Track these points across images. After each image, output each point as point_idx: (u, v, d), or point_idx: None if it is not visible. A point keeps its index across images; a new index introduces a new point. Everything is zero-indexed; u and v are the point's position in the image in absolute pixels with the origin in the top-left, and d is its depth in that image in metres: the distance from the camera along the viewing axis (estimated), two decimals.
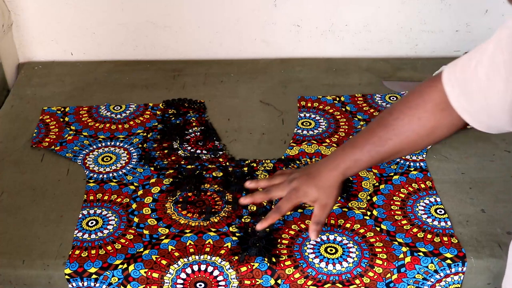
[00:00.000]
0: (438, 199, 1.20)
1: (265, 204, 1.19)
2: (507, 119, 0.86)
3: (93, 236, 1.13)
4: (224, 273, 1.07)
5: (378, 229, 1.14)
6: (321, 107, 1.47)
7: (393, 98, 1.49)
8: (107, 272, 1.07)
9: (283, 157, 1.31)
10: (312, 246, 1.11)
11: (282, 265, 1.08)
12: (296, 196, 1.06)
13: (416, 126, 0.97)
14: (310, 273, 1.07)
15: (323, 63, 1.65)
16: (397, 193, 1.22)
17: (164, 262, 1.08)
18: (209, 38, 1.66)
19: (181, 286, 1.08)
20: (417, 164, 1.29)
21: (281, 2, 1.60)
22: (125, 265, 1.07)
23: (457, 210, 1.18)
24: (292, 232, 1.14)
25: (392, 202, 1.20)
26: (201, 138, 1.37)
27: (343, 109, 1.46)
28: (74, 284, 1.07)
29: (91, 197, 1.21)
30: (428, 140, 0.99)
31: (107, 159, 1.31)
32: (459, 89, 0.91)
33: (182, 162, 1.30)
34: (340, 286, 1.08)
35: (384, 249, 1.10)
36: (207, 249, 1.10)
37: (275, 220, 1.07)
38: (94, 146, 1.35)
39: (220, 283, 1.08)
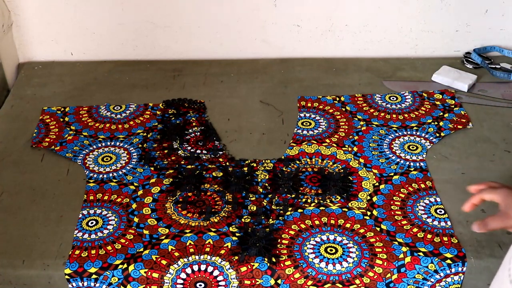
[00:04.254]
0: (438, 199, 1.20)
1: (265, 204, 1.19)
2: None
3: (93, 236, 1.13)
4: (224, 273, 1.07)
5: (378, 229, 1.14)
6: (321, 107, 1.47)
7: (393, 98, 1.49)
8: (107, 272, 1.07)
9: (283, 157, 1.31)
10: (312, 246, 1.11)
11: (282, 265, 1.08)
12: (501, 194, 1.01)
13: None
14: (310, 273, 1.07)
15: (323, 63, 1.65)
16: (397, 193, 1.22)
17: (164, 262, 1.08)
18: (209, 38, 1.66)
19: (181, 286, 1.08)
20: (417, 164, 1.29)
21: (281, 2, 1.60)
22: (125, 265, 1.07)
23: (457, 210, 1.18)
24: (292, 232, 1.14)
25: (392, 202, 1.20)
26: (201, 138, 1.37)
27: (343, 109, 1.46)
28: (74, 284, 1.07)
29: (91, 197, 1.21)
30: None
31: (107, 159, 1.31)
32: None
33: (182, 162, 1.30)
34: (340, 286, 1.08)
35: (384, 249, 1.10)
36: (207, 249, 1.10)
37: (478, 202, 1.04)
38: (94, 146, 1.35)
39: (220, 283, 1.08)
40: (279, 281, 1.08)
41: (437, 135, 1.37)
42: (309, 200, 1.20)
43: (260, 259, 1.08)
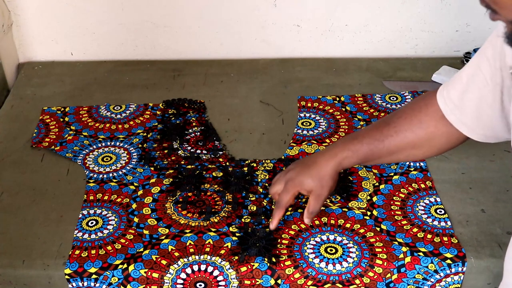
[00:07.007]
0: (438, 199, 1.20)
1: (265, 204, 1.19)
2: (502, 126, 0.89)
3: (93, 236, 1.13)
4: (224, 273, 1.07)
5: (378, 229, 1.14)
6: (321, 107, 1.47)
7: (393, 98, 1.49)
8: (107, 272, 1.07)
9: (283, 157, 1.31)
10: (312, 246, 1.11)
11: (282, 265, 1.08)
12: (293, 186, 1.06)
13: (416, 128, 0.98)
14: (310, 273, 1.07)
15: (323, 63, 1.65)
16: (397, 193, 1.22)
17: (164, 262, 1.08)
18: (209, 38, 1.66)
19: (181, 286, 1.08)
20: (417, 164, 1.29)
21: (281, 2, 1.60)
22: (125, 265, 1.07)
23: (457, 210, 1.18)
24: (292, 232, 1.14)
25: (392, 202, 1.20)
26: (201, 138, 1.37)
27: (343, 109, 1.46)
28: (74, 284, 1.07)
29: (91, 197, 1.21)
30: (428, 146, 1.00)
31: (107, 159, 1.31)
32: (452, 104, 0.94)
33: (182, 162, 1.30)
34: (340, 286, 1.08)
35: (384, 249, 1.10)
36: (207, 249, 1.10)
37: (281, 215, 1.08)
38: (94, 146, 1.35)
39: (220, 283, 1.08)
40: (279, 281, 1.08)
41: None
42: None
43: (260, 259, 1.08)
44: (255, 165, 1.29)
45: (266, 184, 1.24)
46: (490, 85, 0.87)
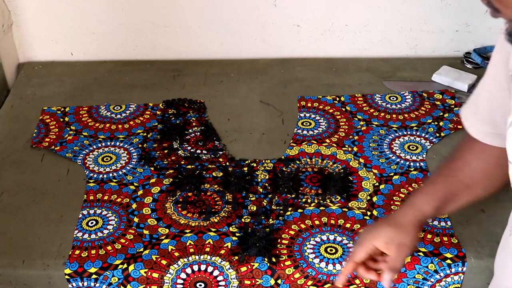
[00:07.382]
0: None
1: (265, 204, 1.19)
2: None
3: (93, 236, 1.13)
4: (224, 273, 1.07)
5: None
6: (321, 107, 1.47)
7: (393, 98, 1.49)
8: (107, 272, 1.07)
9: (283, 157, 1.31)
10: (312, 246, 1.11)
11: (282, 265, 1.08)
12: (368, 239, 0.94)
13: (483, 155, 0.95)
14: (310, 273, 1.07)
15: (323, 63, 1.65)
16: (397, 193, 1.22)
17: (164, 262, 1.08)
18: (209, 38, 1.66)
19: (181, 286, 1.08)
20: (417, 164, 1.29)
21: (281, 2, 1.60)
22: (125, 265, 1.07)
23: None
24: (292, 232, 1.14)
25: (392, 202, 1.20)
26: (201, 138, 1.37)
27: (343, 109, 1.46)
28: (74, 284, 1.07)
29: (91, 197, 1.21)
30: (498, 172, 0.94)
31: (107, 159, 1.31)
32: (474, 116, 0.94)
33: (182, 162, 1.30)
34: (340, 286, 1.08)
35: None
36: (207, 249, 1.10)
37: (350, 270, 0.95)
38: (94, 146, 1.35)
39: (220, 283, 1.08)
40: (279, 281, 1.08)
41: (437, 135, 1.37)
42: (309, 200, 1.20)
43: (260, 259, 1.08)
44: (255, 165, 1.29)
45: (266, 184, 1.24)
46: (504, 89, 0.87)
